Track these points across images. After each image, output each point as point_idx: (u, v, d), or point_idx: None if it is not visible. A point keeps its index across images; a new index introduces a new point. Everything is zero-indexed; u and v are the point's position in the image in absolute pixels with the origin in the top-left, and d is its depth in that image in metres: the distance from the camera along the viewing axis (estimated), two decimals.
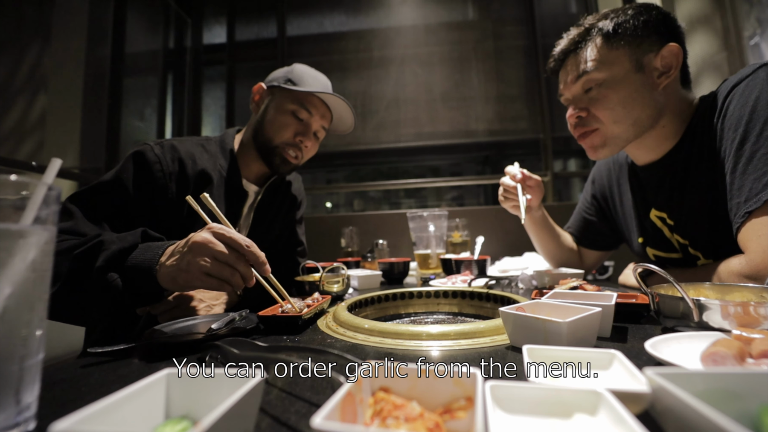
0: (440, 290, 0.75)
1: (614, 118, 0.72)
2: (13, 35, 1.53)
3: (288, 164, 0.87)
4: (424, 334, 0.46)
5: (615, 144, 0.75)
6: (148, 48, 2.38)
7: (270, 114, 0.85)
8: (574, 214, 1.07)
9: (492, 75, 2.34)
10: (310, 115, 0.85)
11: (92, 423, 0.20)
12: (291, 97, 0.84)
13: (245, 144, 0.88)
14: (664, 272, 0.44)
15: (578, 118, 0.77)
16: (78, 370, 0.39)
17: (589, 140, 0.78)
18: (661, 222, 0.81)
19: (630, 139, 0.74)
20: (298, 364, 0.36)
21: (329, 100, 0.86)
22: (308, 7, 2.55)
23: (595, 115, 0.74)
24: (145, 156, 0.72)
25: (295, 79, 0.85)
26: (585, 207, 1.04)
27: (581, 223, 1.04)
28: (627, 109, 0.71)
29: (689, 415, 0.19)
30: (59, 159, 0.27)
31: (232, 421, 0.21)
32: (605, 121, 0.73)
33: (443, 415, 0.24)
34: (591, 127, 0.76)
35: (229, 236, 0.52)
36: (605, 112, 0.73)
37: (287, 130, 0.84)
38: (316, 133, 0.89)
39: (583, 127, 0.77)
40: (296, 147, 0.86)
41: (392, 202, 2.93)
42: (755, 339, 0.30)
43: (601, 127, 0.75)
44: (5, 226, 0.24)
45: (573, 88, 0.77)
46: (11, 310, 0.24)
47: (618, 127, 0.73)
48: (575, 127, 0.79)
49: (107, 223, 0.66)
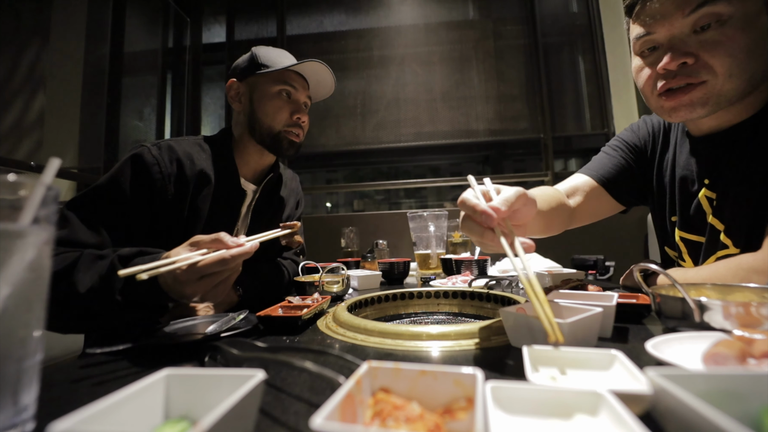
0: (440, 290, 0.75)
1: (732, 71, 0.56)
2: (12, 34, 1.53)
3: (294, 146, 0.87)
4: (425, 335, 0.46)
5: (718, 104, 0.59)
6: (147, 47, 2.37)
7: (259, 104, 0.84)
8: (600, 159, 0.86)
9: (492, 74, 2.34)
10: (294, 89, 0.85)
11: (91, 424, 0.20)
12: (270, 79, 0.83)
13: (239, 142, 0.87)
14: (666, 272, 0.44)
15: (682, 65, 0.59)
16: (77, 371, 0.39)
17: (687, 96, 0.60)
18: (708, 203, 0.69)
19: (734, 101, 0.59)
20: (297, 364, 0.36)
21: (305, 70, 0.86)
22: (308, 6, 2.55)
23: (707, 63, 0.57)
24: (143, 158, 0.71)
25: (265, 62, 0.84)
26: (623, 153, 0.84)
27: (616, 167, 0.83)
28: (749, 59, 0.56)
29: (691, 416, 0.19)
30: (58, 159, 0.27)
31: (232, 422, 0.21)
32: (720, 71, 0.57)
33: (443, 415, 0.24)
34: (698, 79, 0.58)
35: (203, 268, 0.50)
36: (725, 60, 0.56)
37: (283, 112, 0.84)
38: (306, 105, 0.89)
39: (686, 77, 0.59)
40: (297, 126, 0.86)
41: (392, 202, 2.93)
42: (757, 340, 0.30)
43: (711, 79, 0.58)
44: (3, 226, 0.24)
45: (678, 23, 0.58)
46: (9, 310, 0.24)
47: (731, 82, 0.57)
48: (670, 77, 0.60)
49: (105, 228, 0.66)
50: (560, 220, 0.76)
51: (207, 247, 0.51)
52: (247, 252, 0.52)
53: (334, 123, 2.40)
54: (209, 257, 0.50)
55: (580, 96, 2.36)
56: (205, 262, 0.49)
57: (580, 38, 2.36)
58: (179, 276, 0.49)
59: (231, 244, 0.51)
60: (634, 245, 1.80)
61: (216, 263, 0.49)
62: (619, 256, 1.23)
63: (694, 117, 0.62)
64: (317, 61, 0.83)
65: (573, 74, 2.39)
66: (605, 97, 2.20)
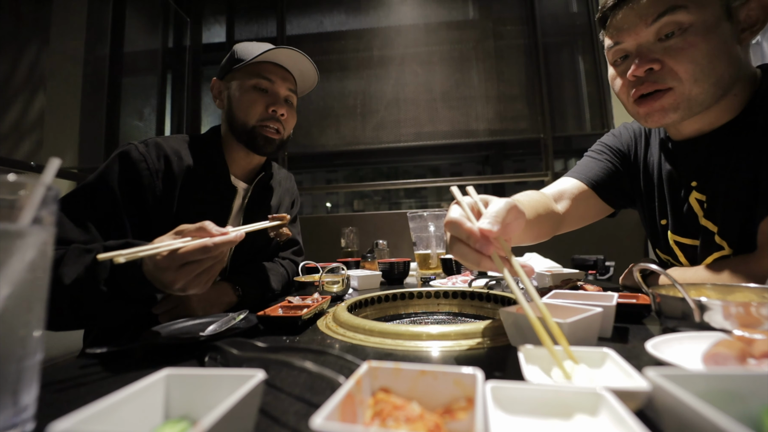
0: (440, 290, 0.75)
1: (696, 75, 0.59)
2: (12, 34, 1.53)
3: (272, 142, 0.83)
4: (425, 335, 0.46)
5: (689, 109, 0.61)
6: (147, 47, 2.37)
7: (235, 99, 0.82)
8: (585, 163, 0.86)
9: (492, 74, 2.34)
10: (271, 82, 0.82)
11: (91, 424, 0.19)
12: (245, 73, 0.81)
13: (226, 141, 0.86)
14: (666, 272, 0.44)
15: (648, 71, 0.61)
16: (77, 371, 0.39)
17: (658, 102, 0.62)
18: (698, 206, 0.70)
19: (706, 104, 0.61)
20: (297, 364, 0.36)
21: (282, 59, 0.82)
22: (308, 6, 2.55)
23: (672, 69, 0.59)
24: (130, 155, 0.71)
25: (241, 56, 0.82)
26: (608, 156, 0.85)
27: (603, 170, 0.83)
28: (713, 64, 0.58)
29: (691, 416, 0.19)
30: (58, 158, 0.27)
31: (232, 422, 0.21)
32: (684, 77, 0.59)
33: (443, 415, 0.24)
34: (664, 85, 0.61)
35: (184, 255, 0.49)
36: (688, 66, 0.58)
37: (256, 105, 0.81)
38: (288, 99, 0.85)
39: (653, 84, 0.61)
40: (273, 119, 0.82)
41: (392, 202, 2.93)
42: (757, 340, 0.30)
43: (677, 86, 0.60)
44: (3, 226, 0.24)
45: (643, 32, 0.61)
46: (9, 310, 0.24)
47: (698, 86, 0.59)
48: (639, 84, 0.63)
49: (95, 225, 0.66)
50: (548, 227, 0.76)
51: (191, 235, 0.50)
52: (231, 241, 0.51)
53: (334, 123, 2.40)
54: (190, 244, 0.49)
55: (580, 96, 2.36)
56: (185, 249, 0.48)
57: (580, 38, 2.37)
58: (159, 262, 0.48)
59: (215, 233, 0.50)
60: (634, 245, 1.80)
61: (197, 251, 0.48)
62: (619, 256, 1.23)
63: (668, 122, 0.64)
64: (291, 48, 0.80)
65: (573, 74, 2.39)
66: (605, 97, 2.20)
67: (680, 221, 0.74)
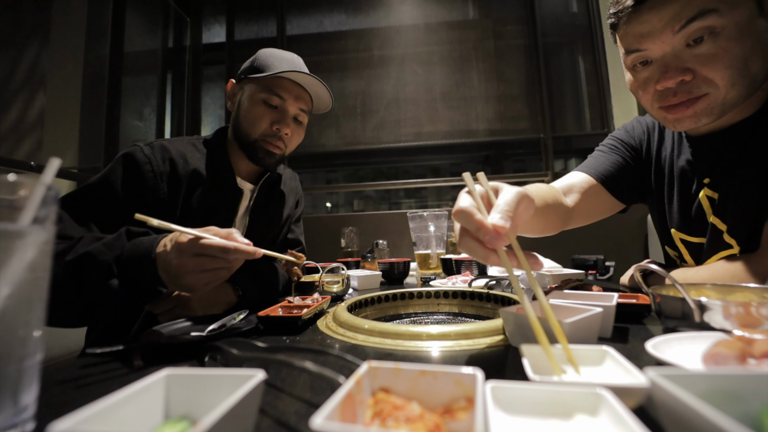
0: (440, 290, 0.75)
1: (734, 80, 0.54)
2: (12, 34, 1.53)
3: (272, 156, 0.82)
4: (425, 335, 0.46)
5: (722, 112, 0.57)
6: (147, 47, 2.37)
7: (243, 108, 0.82)
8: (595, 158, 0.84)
9: (492, 74, 2.34)
10: (282, 100, 0.80)
11: (91, 424, 0.20)
12: (258, 85, 0.80)
13: (231, 142, 0.86)
14: (667, 273, 0.44)
15: (680, 83, 0.57)
16: (77, 371, 0.39)
17: (690, 109, 0.58)
18: (708, 203, 0.67)
19: (739, 104, 0.57)
20: (297, 364, 0.36)
21: (300, 78, 0.80)
22: (308, 6, 2.55)
23: (707, 77, 0.55)
24: (135, 157, 0.71)
25: (260, 65, 0.80)
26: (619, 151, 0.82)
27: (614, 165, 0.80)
28: (748, 65, 0.54)
29: (691, 416, 0.19)
30: (58, 159, 0.27)
31: (232, 422, 0.21)
32: (722, 84, 0.54)
33: (443, 415, 0.24)
34: (699, 93, 0.57)
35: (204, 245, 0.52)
36: (725, 73, 0.53)
37: (262, 121, 0.80)
38: (297, 117, 0.84)
39: (687, 93, 0.57)
40: (275, 137, 0.81)
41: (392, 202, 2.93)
42: (757, 340, 0.30)
43: (713, 92, 0.56)
44: (3, 226, 0.24)
45: (669, 39, 0.55)
46: (9, 310, 0.24)
47: (735, 89, 0.55)
48: (672, 95, 0.58)
49: (96, 225, 0.66)
50: (557, 219, 0.72)
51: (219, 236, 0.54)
52: (249, 252, 0.54)
53: (334, 123, 2.40)
54: (214, 239, 0.52)
55: (580, 96, 2.36)
56: (208, 241, 0.52)
57: (580, 38, 2.36)
58: (181, 244, 0.52)
59: (240, 240, 0.54)
60: (634, 245, 1.80)
61: (217, 248, 0.52)
62: (619, 256, 1.23)
63: (700, 126, 0.60)
64: (312, 75, 0.79)
65: (573, 74, 2.39)
66: (605, 97, 2.20)
67: (687, 219, 0.72)
